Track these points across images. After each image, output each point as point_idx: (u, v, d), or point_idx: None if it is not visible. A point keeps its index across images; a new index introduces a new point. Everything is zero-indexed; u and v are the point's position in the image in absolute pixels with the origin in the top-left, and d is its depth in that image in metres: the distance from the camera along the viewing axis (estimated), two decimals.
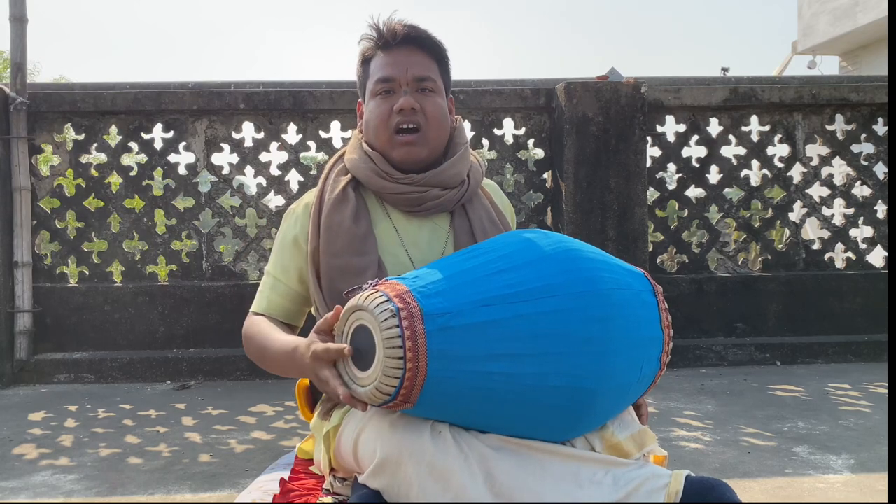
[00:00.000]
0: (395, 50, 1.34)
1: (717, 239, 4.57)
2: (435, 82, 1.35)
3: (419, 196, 1.34)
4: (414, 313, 0.99)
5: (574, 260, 1.09)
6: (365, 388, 1.01)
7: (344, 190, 1.35)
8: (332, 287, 1.28)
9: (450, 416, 1.05)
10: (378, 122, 1.33)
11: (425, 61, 1.35)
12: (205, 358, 4.15)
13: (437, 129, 1.35)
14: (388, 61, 1.34)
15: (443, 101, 1.37)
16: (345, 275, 1.26)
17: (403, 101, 1.31)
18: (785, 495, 2.25)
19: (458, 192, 1.36)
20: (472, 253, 1.13)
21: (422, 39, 1.35)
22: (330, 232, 1.31)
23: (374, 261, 1.29)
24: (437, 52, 1.37)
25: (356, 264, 1.27)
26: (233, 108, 4.31)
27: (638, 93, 4.24)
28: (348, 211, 1.32)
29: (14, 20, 4.18)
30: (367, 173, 1.35)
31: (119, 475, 2.53)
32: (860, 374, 3.95)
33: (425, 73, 1.34)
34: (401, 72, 1.32)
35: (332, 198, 1.34)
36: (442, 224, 1.38)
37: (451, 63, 1.41)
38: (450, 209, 1.37)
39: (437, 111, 1.35)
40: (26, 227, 4.17)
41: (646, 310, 1.13)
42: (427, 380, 0.98)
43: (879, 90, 4.56)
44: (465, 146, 1.41)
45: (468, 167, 1.40)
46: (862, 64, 10.52)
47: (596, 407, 1.06)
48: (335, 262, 1.29)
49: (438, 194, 1.34)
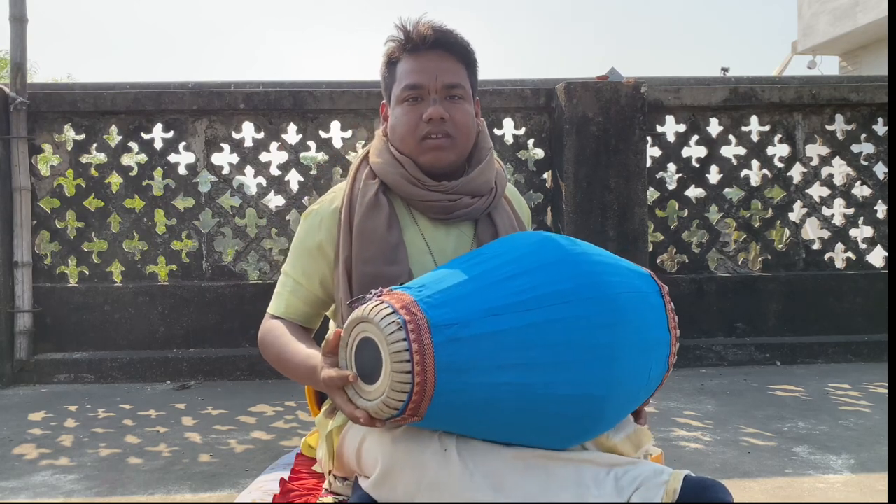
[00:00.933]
0: (423, 55, 1.30)
1: (717, 239, 4.57)
2: (464, 88, 1.32)
3: (450, 204, 1.31)
4: (421, 325, 0.96)
5: (581, 264, 1.08)
6: (372, 403, 0.99)
7: (376, 195, 1.31)
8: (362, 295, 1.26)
9: (458, 428, 1.04)
10: (406, 131, 1.30)
11: (454, 67, 1.31)
12: (205, 358, 4.15)
13: (466, 137, 1.32)
14: (417, 67, 1.30)
15: (471, 108, 1.34)
16: (376, 283, 1.20)
17: (433, 111, 1.27)
18: (785, 495, 2.25)
19: (486, 200, 1.34)
20: (477, 258, 1.11)
21: (451, 44, 1.31)
22: (363, 238, 1.28)
23: (405, 271, 1.26)
24: (466, 56, 1.33)
25: (387, 273, 1.24)
26: (233, 108, 4.31)
27: (638, 93, 4.24)
28: (382, 218, 1.29)
29: (14, 20, 4.19)
30: (396, 178, 1.31)
31: (119, 475, 2.53)
32: (860, 374, 3.96)
33: (455, 80, 1.31)
34: (430, 79, 1.29)
35: (365, 203, 1.30)
36: (467, 231, 1.35)
37: (478, 66, 1.38)
38: (477, 217, 1.35)
39: (466, 119, 1.32)
40: (26, 227, 4.17)
41: (653, 312, 1.12)
42: (436, 393, 0.96)
43: (879, 90, 4.56)
44: (490, 151, 1.38)
45: (494, 174, 1.37)
46: (862, 64, 10.52)
47: (606, 414, 1.06)
48: (367, 269, 1.26)
49: (469, 202, 1.32)
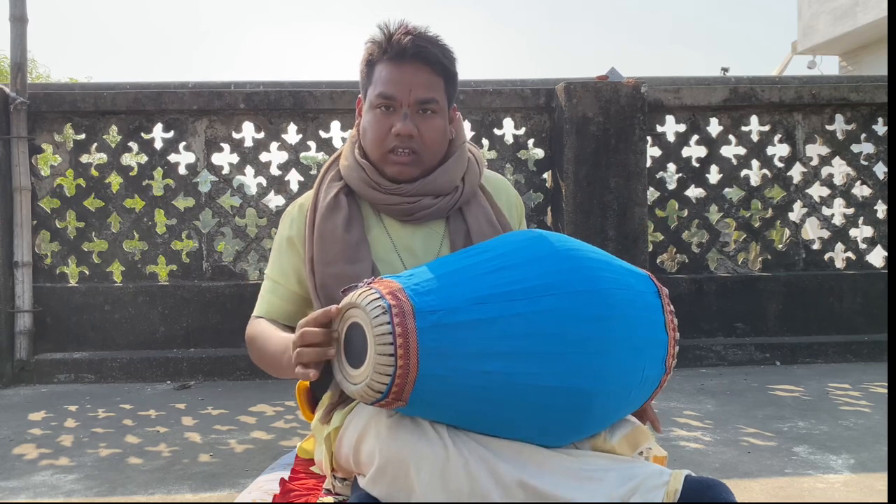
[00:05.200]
0: (401, 65, 1.29)
1: (717, 239, 4.57)
2: (437, 103, 1.31)
3: (410, 206, 1.32)
4: (405, 310, 0.98)
5: (573, 259, 1.08)
6: (357, 386, 1.00)
7: (336, 197, 1.34)
8: (328, 295, 1.27)
9: (446, 417, 1.05)
10: (374, 137, 1.31)
11: (431, 80, 1.30)
12: (205, 358, 4.15)
13: (432, 154, 1.33)
14: (393, 77, 1.29)
15: (443, 122, 1.33)
16: (340, 283, 1.24)
17: (401, 128, 1.28)
18: (785, 495, 2.25)
19: (451, 199, 1.34)
20: (469, 252, 1.12)
21: (429, 57, 1.30)
22: (323, 240, 1.31)
23: (367, 268, 1.28)
24: (443, 69, 1.32)
25: (350, 272, 1.26)
26: (233, 108, 4.31)
27: (638, 93, 4.24)
28: (340, 219, 1.31)
29: (14, 20, 4.18)
30: (357, 182, 1.34)
31: (119, 475, 2.53)
32: (860, 374, 3.95)
33: (429, 94, 1.30)
34: (404, 93, 1.28)
35: (325, 205, 1.34)
36: (437, 229, 1.36)
37: (458, 77, 1.37)
38: (444, 216, 1.36)
39: (435, 135, 1.31)
40: (26, 227, 4.17)
41: (648, 311, 1.11)
42: (419, 377, 0.97)
43: (879, 90, 4.56)
44: (460, 147, 1.38)
45: (463, 170, 1.37)
46: (862, 64, 10.52)
47: (595, 409, 1.05)
48: (329, 270, 1.28)
49: (430, 203, 1.33)
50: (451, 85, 1.35)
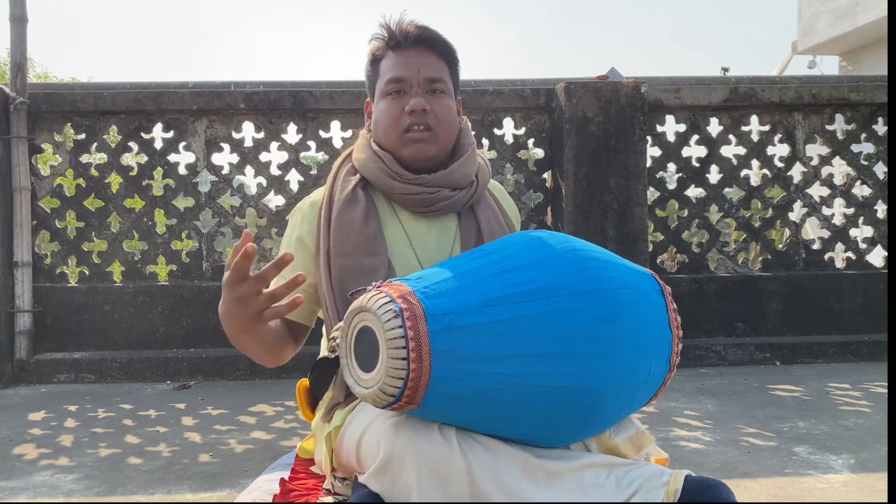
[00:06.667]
0: (406, 50, 1.34)
1: (717, 239, 4.57)
2: (445, 84, 1.36)
3: (429, 197, 1.34)
4: (417, 313, 0.98)
5: (580, 259, 1.08)
6: (369, 390, 1.00)
7: (354, 190, 1.35)
8: (342, 288, 1.28)
9: (456, 419, 1.04)
10: (389, 123, 1.33)
11: (436, 63, 1.35)
12: (205, 358, 4.15)
13: (446, 130, 1.35)
14: (400, 62, 1.34)
15: (452, 103, 1.38)
16: (356, 275, 1.26)
17: (415, 103, 1.31)
18: (785, 495, 2.25)
19: (467, 193, 1.37)
20: (476, 254, 1.13)
21: (433, 41, 1.35)
22: (340, 232, 1.31)
23: (384, 261, 1.29)
24: (447, 53, 1.37)
25: (367, 265, 1.27)
26: (233, 107, 4.31)
27: (638, 93, 4.24)
28: (359, 211, 1.32)
29: (14, 20, 4.19)
30: (376, 173, 1.35)
31: (119, 475, 2.53)
32: (860, 374, 3.96)
33: (437, 74, 1.34)
34: (412, 73, 1.32)
35: (342, 198, 1.34)
36: (450, 225, 1.38)
37: (460, 65, 1.41)
38: (458, 210, 1.38)
39: (448, 113, 1.35)
40: (26, 226, 4.17)
41: (653, 310, 1.12)
42: (431, 380, 0.97)
43: (879, 90, 4.56)
44: (472, 147, 1.41)
45: (476, 168, 1.40)
46: (862, 64, 10.52)
47: (604, 408, 1.05)
48: (346, 262, 1.29)
49: (448, 195, 1.35)
50: (454, 72, 1.40)
